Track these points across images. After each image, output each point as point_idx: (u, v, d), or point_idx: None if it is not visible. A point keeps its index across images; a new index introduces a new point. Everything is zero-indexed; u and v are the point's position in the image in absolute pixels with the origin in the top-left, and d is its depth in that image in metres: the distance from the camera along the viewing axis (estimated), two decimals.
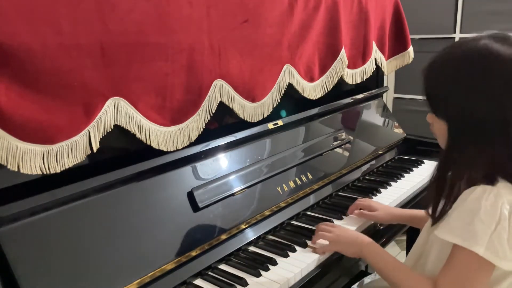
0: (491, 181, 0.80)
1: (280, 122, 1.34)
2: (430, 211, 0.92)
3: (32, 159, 0.77)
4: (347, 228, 1.13)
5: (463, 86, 0.82)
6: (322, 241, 1.09)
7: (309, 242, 1.11)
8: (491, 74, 0.79)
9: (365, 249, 1.01)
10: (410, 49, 1.87)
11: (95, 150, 0.86)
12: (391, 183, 1.50)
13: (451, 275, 0.81)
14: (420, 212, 1.18)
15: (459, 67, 0.83)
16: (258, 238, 1.15)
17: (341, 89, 1.68)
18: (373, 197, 1.40)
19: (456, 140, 0.86)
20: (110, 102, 0.88)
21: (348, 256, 1.05)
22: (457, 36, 2.55)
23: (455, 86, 0.83)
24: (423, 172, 1.59)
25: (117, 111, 0.89)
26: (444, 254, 0.85)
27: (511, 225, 0.77)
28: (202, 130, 1.07)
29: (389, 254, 0.99)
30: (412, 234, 1.72)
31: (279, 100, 1.29)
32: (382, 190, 1.45)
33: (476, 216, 0.77)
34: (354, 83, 1.62)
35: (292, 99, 1.37)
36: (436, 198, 0.89)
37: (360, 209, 1.26)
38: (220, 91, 1.11)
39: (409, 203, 1.42)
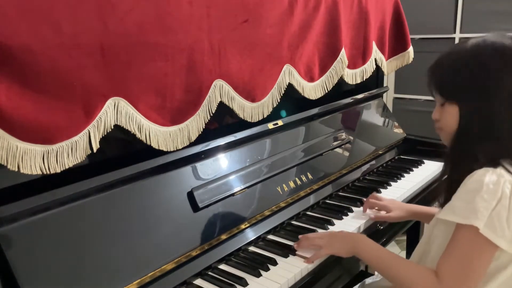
0: (493, 165, 0.82)
1: (280, 122, 1.34)
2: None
3: (32, 159, 0.77)
4: (335, 231, 1.10)
5: (479, 73, 0.84)
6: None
7: (292, 255, 1.06)
8: (507, 66, 0.83)
9: (358, 245, 1.00)
10: (410, 49, 1.87)
11: (95, 150, 0.86)
12: (391, 183, 1.50)
13: (452, 257, 0.82)
14: (435, 210, 1.19)
15: (479, 56, 0.86)
16: (258, 238, 1.15)
17: (341, 89, 1.68)
18: None
19: (466, 125, 0.87)
20: (110, 102, 0.88)
21: (344, 256, 1.03)
22: (457, 36, 2.55)
23: (471, 72, 0.85)
24: (423, 172, 1.59)
25: (117, 111, 0.89)
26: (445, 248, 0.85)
27: (511, 204, 0.78)
28: (202, 130, 1.07)
29: (384, 247, 0.99)
30: (412, 234, 1.72)
31: (279, 100, 1.29)
32: (382, 190, 1.45)
33: (478, 195, 0.79)
34: (354, 83, 1.62)
35: (292, 99, 1.37)
36: (451, 190, 0.90)
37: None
38: (220, 91, 1.11)
39: (409, 203, 1.42)
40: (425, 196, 1.47)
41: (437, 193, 1.02)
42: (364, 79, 1.67)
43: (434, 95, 0.94)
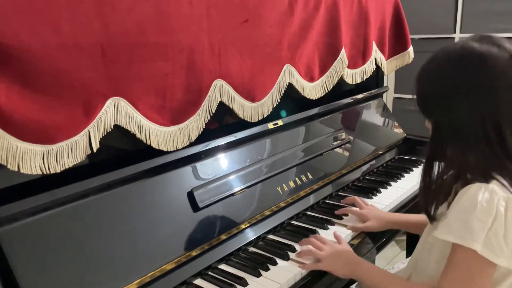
0: (486, 179, 0.80)
1: (280, 122, 1.34)
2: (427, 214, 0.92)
3: (32, 159, 0.77)
4: (338, 245, 1.07)
5: (449, 87, 0.83)
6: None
7: (292, 255, 1.06)
8: (476, 75, 0.80)
9: (358, 269, 0.98)
10: (410, 49, 1.87)
11: (95, 150, 0.86)
12: (391, 183, 1.50)
13: (453, 276, 0.81)
14: (416, 217, 1.18)
15: (445, 69, 0.84)
16: (258, 238, 1.15)
17: (341, 89, 1.68)
18: (373, 197, 1.40)
19: (442, 141, 0.87)
20: (110, 102, 0.88)
21: (339, 277, 1.00)
22: (457, 36, 2.55)
23: (443, 87, 0.84)
24: None
25: (117, 111, 0.89)
26: (445, 259, 0.84)
27: (507, 222, 0.77)
28: (202, 130, 1.07)
29: (383, 270, 0.98)
30: (412, 234, 1.72)
31: (279, 100, 1.29)
32: (382, 190, 1.45)
33: (472, 214, 0.77)
34: (354, 83, 1.62)
35: (292, 99, 1.37)
36: (431, 200, 0.90)
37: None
38: (220, 91, 1.11)
39: (409, 203, 1.42)
40: None
41: None
42: (364, 79, 1.67)
43: None
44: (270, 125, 1.31)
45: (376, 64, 1.73)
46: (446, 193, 0.86)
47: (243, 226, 1.13)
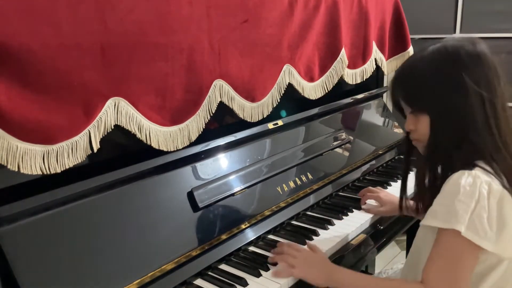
0: (469, 167, 0.82)
1: (280, 122, 1.34)
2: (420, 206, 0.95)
3: (32, 159, 0.77)
4: (313, 252, 1.03)
5: (454, 82, 0.86)
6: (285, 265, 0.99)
7: (271, 267, 1.01)
8: (477, 69, 0.85)
9: (335, 274, 0.94)
10: (410, 49, 1.87)
11: (95, 150, 0.86)
12: (391, 183, 1.50)
13: (437, 263, 0.82)
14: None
15: (447, 67, 0.87)
16: (258, 238, 1.15)
17: (341, 89, 1.68)
18: None
19: (440, 133, 0.88)
20: (110, 102, 0.88)
21: (317, 285, 0.95)
22: (457, 36, 2.55)
23: (447, 83, 0.87)
24: None
25: (117, 111, 0.89)
26: None
27: (490, 205, 0.79)
28: (202, 130, 1.07)
29: (363, 274, 0.98)
30: (412, 234, 1.72)
31: (278, 100, 1.29)
32: None
33: (456, 198, 0.80)
34: (354, 83, 1.62)
35: (292, 99, 1.37)
36: (424, 193, 0.92)
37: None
38: (220, 91, 1.11)
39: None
40: None
41: None
42: (364, 79, 1.67)
43: (402, 105, 0.95)
44: (270, 125, 1.31)
45: (376, 64, 1.73)
46: (437, 184, 0.88)
47: (243, 226, 1.13)
